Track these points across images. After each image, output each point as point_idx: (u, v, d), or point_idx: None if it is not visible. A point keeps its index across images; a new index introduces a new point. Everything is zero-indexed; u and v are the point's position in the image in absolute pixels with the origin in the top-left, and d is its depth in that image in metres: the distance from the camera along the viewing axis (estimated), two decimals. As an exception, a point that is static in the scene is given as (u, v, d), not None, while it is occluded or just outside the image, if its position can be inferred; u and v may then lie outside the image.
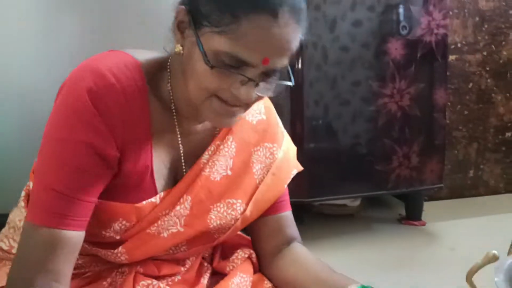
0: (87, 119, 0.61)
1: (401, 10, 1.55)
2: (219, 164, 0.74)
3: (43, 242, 0.61)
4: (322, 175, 1.58)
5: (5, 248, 0.77)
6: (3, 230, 0.82)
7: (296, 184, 1.58)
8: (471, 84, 2.06)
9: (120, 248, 0.69)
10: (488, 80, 2.08)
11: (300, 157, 1.50)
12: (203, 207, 0.73)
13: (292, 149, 0.84)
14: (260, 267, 0.81)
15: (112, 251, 0.70)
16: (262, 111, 0.79)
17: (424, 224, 1.84)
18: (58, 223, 0.61)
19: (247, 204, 0.75)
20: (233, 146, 0.75)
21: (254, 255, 0.81)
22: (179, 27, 0.64)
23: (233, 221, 0.75)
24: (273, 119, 0.81)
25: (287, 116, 1.50)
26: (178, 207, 0.70)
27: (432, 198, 2.10)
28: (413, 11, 1.55)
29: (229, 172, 0.75)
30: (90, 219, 0.66)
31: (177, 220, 0.71)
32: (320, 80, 1.51)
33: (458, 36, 1.98)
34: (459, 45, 1.99)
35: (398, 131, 1.61)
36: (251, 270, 0.78)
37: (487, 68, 2.06)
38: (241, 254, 0.79)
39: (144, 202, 0.68)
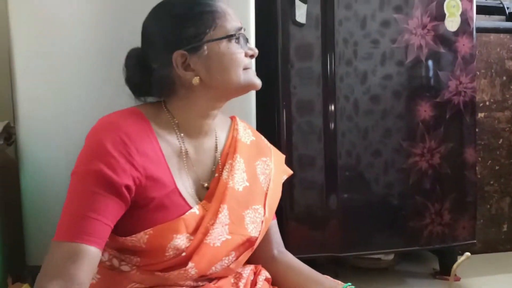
0: (105, 158, 0.77)
1: (429, 74, 1.65)
2: (237, 177, 0.90)
3: (62, 253, 0.74)
4: (356, 229, 1.63)
5: None
6: None
7: (330, 238, 1.66)
8: (501, 140, 2.11)
9: (189, 263, 0.82)
10: (518, 136, 2.12)
11: (335, 208, 1.58)
12: (237, 215, 0.88)
13: (280, 158, 1.04)
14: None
15: (184, 268, 0.82)
16: (250, 134, 1.00)
17: (459, 280, 1.85)
18: (76, 237, 0.74)
19: (264, 208, 0.93)
20: (241, 162, 0.93)
21: (268, 276, 0.96)
22: (183, 67, 0.85)
23: (261, 223, 0.92)
24: (259, 138, 1.03)
25: (320, 165, 1.57)
26: (220, 215, 0.85)
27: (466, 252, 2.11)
28: (441, 76, 1.65)
29: (247, 183, 0.92)
30: (150, 249, 0.79)
31: (223, 229, 0.85)
32: (352, 130, 1.59)
33: (486, 94, 2.05)
34: (487, 103, 2.06)
35: (430, 188, 1.67)
36: None
37: (517, 125, 2.11)
38: (260, 278, 0.94)
39: (186, 213, 0.83)
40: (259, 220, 0.91)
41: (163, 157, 0.84)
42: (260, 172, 0.96)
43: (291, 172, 1.07)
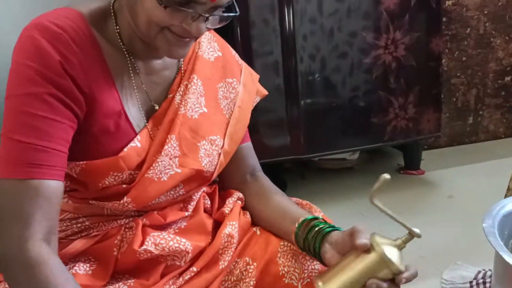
0: (44, 71, 0.62)
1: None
2: (191, 101, 0.76)
3: (15, 193, 0.60)
4: (319, 131, 1.59)
5: None
6: None
7: (294, 141, 1.61)
8: (469, 29, 2.02)
9: (125, 198, 0.72)
10: (487, 24, 2.03)
11: (296, 113, 1.52)
12: (191, 146, 0.76)
13: (252, 77, 0.87)
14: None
15: (118, 202, 0.72)
16: (217, 48, 0.83)
17: (422, 173, 1.86)
18: (28, 173, 0.60)
19: (223, 139, 0.80)
20: (199, 84, 0.78)
21: (241, 196, 0.85)
22: None
23: (217, 156, 0.79)
24: (228, 54, 0.84)
25: (281, 71, 1.48)
26: (166, 146, 0.73)
27: (431, 146, 2.11)
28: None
29: (205, 109, 0.78)
30: (82, 180, 0.69)
31: (171, 162, 0.74)
32: (315, 33, 1.49)
33: (454, -21, 1.92)
34: (456, -11, 1.93)
35: (394, 83, 1.60)
36: (237, 214, 0.82)
37: (485, 12, 2.01)
38: (230, 200, 0.83)
39: (125, 149, 0.70)
40: (215, 153, 0.79)
41: (109, 73, 0.69)
42: (223, 96, 0.81)
43: (266, 92, 0.89)
